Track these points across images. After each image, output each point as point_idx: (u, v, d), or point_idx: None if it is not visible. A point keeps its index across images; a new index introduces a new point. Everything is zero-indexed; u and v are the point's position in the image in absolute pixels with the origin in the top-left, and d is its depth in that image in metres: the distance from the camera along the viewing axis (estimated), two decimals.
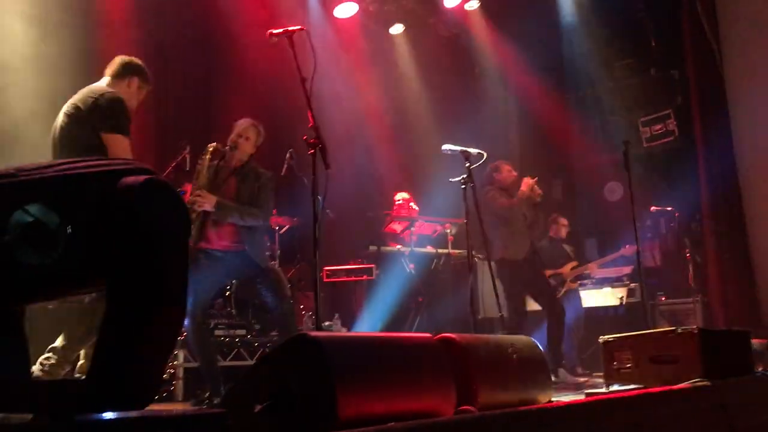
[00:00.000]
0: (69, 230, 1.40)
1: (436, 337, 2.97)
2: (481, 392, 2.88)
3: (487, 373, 2.99)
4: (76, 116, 3.74)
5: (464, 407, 2.80)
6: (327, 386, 2.21)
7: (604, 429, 2.72)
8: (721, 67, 8.47)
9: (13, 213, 1.40)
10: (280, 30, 3.68)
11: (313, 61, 3.69)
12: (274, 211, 6.75)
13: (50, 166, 1.51)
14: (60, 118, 3.84)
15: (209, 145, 4.64)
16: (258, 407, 2.30)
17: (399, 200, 7.65)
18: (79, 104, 3.77)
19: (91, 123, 3.69)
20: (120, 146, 3.67)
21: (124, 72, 4.02)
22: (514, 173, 6.55)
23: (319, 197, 6.56)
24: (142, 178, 1.42)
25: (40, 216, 1.41)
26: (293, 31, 3.66)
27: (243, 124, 4.78)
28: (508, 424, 2.45)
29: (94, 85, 3.95)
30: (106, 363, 1.38)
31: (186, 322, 4.46)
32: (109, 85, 3.94)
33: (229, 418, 1.38)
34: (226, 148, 4.66)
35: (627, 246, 7.44)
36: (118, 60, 4.07)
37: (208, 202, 4.42)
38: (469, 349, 2.97)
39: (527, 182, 6.20)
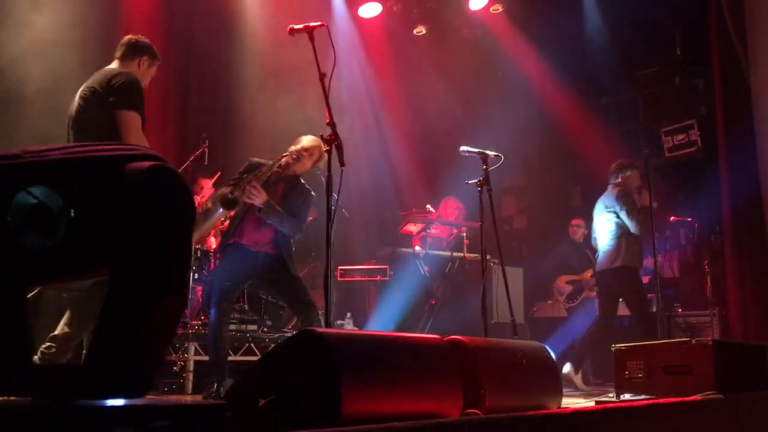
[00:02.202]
0: (72, 214, 1.40)
1: (445, 339, 2.95)
2: (488, 396, 2.85)
3: (495, 377, 2.96)
4: (92, 98, 3.78)
5: (470, 410, 2.78)
6: (332, 383, 2.20)
7: None
8: (748, 78, 8.35)
9: (16, 194, 1.40)
10: (301, 26, 3.68)
11: (333, 58, 3.68)
12: None
13: (55, 148, 1.51)
14: (75, 102, 3.87)
15: (280, 159, 4.71)
16: (262, 402, 2.30)
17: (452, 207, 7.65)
18: (96, 86, 3.81)
19: (107, 103, 3.72)
20: (132, 122, 3.71)
21: (133, 52, 4.06)
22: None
23: (334, 195, 6.59)
24: (147, 163, 1.42)
25: (43, 198, 1.41)
26: (314, 27, 3.65)
27: (312, 142, 4.80)
28: (512, 429, 2.43)
29: (108, 67, 3.99)
30: (104, 350, 1.38)
31: (212, 311, 4.54)
32: (118, 67, 3.99)
33: (229, 410, 1.37)
34: (293, 157, 4.73)
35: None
36: (125, 41, 4.10)
37: (259, 198, 4.51)
38: (478, 352, 2.95)
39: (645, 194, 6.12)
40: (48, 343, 3.66)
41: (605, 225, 6.18)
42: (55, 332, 3.69)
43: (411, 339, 2.79)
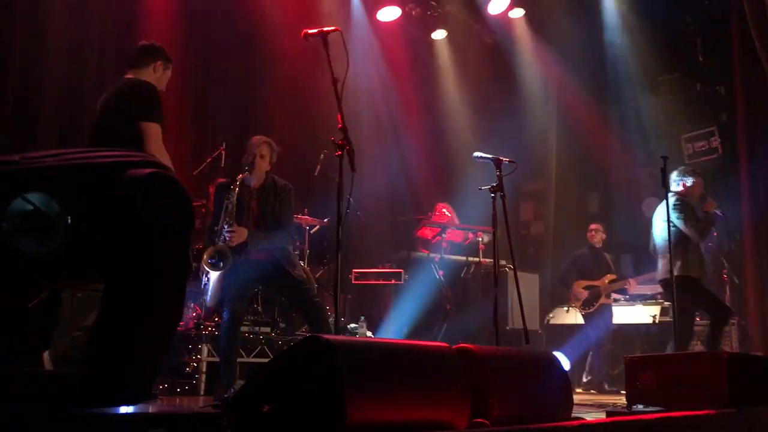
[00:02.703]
0: (69, 220, 1.40)
1: (454, 347, 2.92)
2: (496, 406, 2.82)
3: (504, 386, 2.92)
4: (112, 108, 3.82)
5: (478, 420, 2.75)
6: (336, 390, 2.18)
7: None
8: None
9: (13, 200, 1.40)
10: (315, 30, 3.67)
11: (347, 63, 3.67)
12: (306, 211, 6.77)
13: (53, 154, 1.51)
14: (97, 110, 3.93)
15: (237, 179, 4.66)
16: (267, 407, 2.29)
17: (442, 210, 7.63)
18: (116, 96, 3.85)
19: (127, 113, 3.75)
20: (154, 134, 3.75)
21: (147, 57, 4.08)
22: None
23: (350, 199, 6.57)
24: (146, 171, 1.41)
25: (39, 204, 1.40)
26: (328, 32, 3.64)
27: (256, 142, 4.81)
28: None
29: (127, 77, 4.02)
30: (100, 357, 1.37)
31: (225, 313, 4.56)
32: (136, 75, 4.01)
33: (224, 418, 1.36)
34: (246, 170, 4.69)
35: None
36: (137, 48, 4.13)
37: (239, 237, 4.55)
38: (487, 361, 2.91)
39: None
40: (79, 332, 3.69)
41: (661, 233, 6.07)
42: (87, 322, 3.74)
43: (417, 347, 2.76)
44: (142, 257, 1.38)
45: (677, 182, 6.21)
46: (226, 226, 4.48)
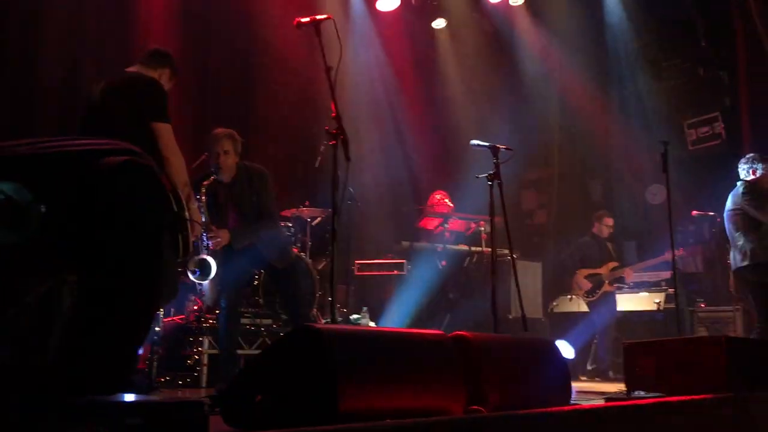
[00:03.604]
0: (42, 209, 1.39)
1: (450, 335, 2.91)
2: (492, 393, 2.81)
3: (501, 373, 2.92)
4: (118, 99, 3.73)
5: (474, 407, 2.74)
6: (328, 379, 2.18)
7: None
8: None
9: None
10: (307, 19, 3.65)
11: (340, 51, 3.64)
12: (307, 203, 6.76)
13: (26, 143, 1.49)
14: (96, 98, 3.79)
15: (202, 185, 4.55)
16: (259, 397, 2.29)
17: (437, 198, 7.60)
18: (123, 88, 3.76)
19: (137, 109, 3.68)
20: (170, 133, 3.71)
21: (157, 62, 4.04)
22: None
23: (350, 189, 6.54)
24: (120, 159, 1.40)
25: (11, 193, 1.39)
26: (320, 20, 3.62)
27: (217, 138, 4.68)
28: (516, 426, 2.39)
29: (134, 71, 3.95)
30: (74, 347, 1.37)
31: (221, 303, 4.55)
32: (139, 71, 3.96)
33: (205, 408, 1.35)
34: (212, 173, 4.61)
35: (668, 251, 7.22)
36: (153, 50, 4.10)
37: (223, 239, 4.50)
38: (483, 348, 2.91)
39: None
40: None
41: (731, 224, 6.04)
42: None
43: (411, 335, 2.76)
44: (117, 245, 1.37)
45: (746, 170, 6.16)
46: (204, 235, 4.40)
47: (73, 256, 1.42)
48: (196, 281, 4.48)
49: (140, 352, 4.50)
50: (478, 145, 4.60)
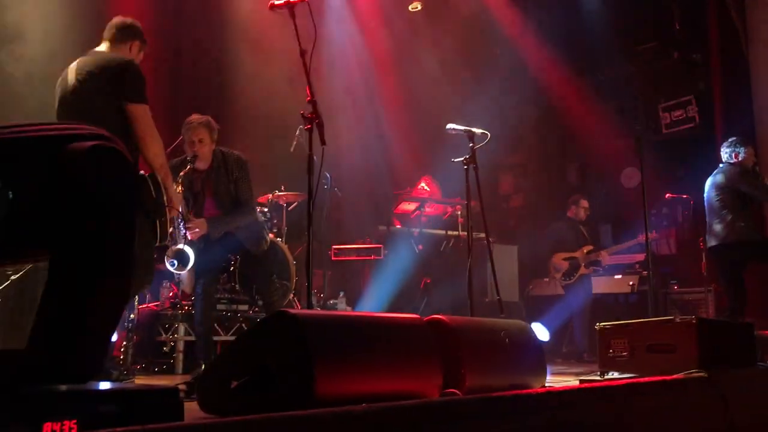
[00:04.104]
0: (10, 195, 1.36)
1: (426, 319, 2.92)
2: (468, 375, 2.84)
3: (476, 356, 2.94)
4: (92, 81, 3.62)
5: (450, 390, 2.76)
6: (305, 364, 2.18)
7: (594, 417, 2.66)
8: (747, 53, 8.26)
9: None
10: (282, 1, 3.61)
11: (314, 34, 3.62)
12: (282, 188, 6.73)
13: None
14: (70, 81, 3.69)
15: (179, 176, 4.43)
16: (235, 383, 2.28)
17: (421, 188, 7.60)
18: (96, 70, 3.64)
19: (112, 91, 3.58)
20: (147, 115, 3.62)
21: (125, 36, 3.91)
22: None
23: (328, 175, 6.51)
24: (88, 144, 1.38)
25: None
26: (295, 3, 3.58)
27: (191, 126, 4.56)
28: (491, 408, 2.40)
29: (105, 52, 3.83)
30: (47, 334, 1.35)
31: (197, 288, 4.51)
32: (109, 50, 3.85)
33: (179, 394, 1.35)
34: (188, 162, 4.51)
35: (642, 234, 7.31)
36: (117, 23, 3.93)
37: (200, 229, 4.44)
38: (459, 331, 2.93)
39: None
40: None
41: (718, 201, 6.18)
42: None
43: (387, 319, 2.77)
44: (86, 230, 1.35)
45: (729, 153, 6.32)
46: (182, 224, 4.34)
47: (43, 242, 1.40)
48: (174, 272, 4.43)
49: (114, 339, 4.47)
50: (454, 129, 4.60)
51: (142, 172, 3.57)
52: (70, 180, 1.36)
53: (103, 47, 3.88)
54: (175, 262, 4.29)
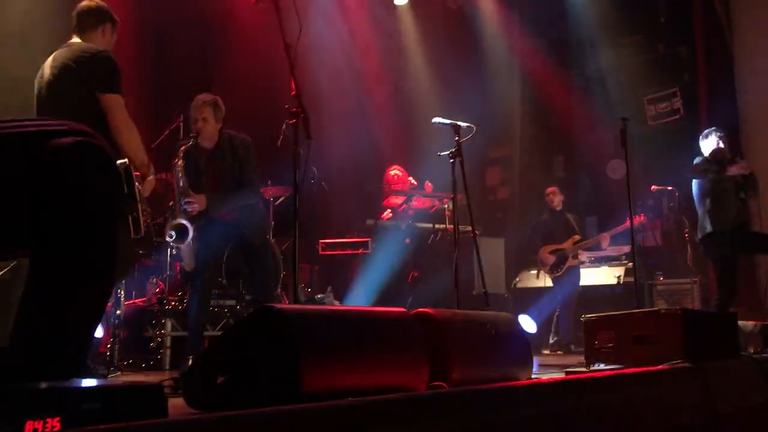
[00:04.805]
0: None
1: (412, 312, 2.92)
2: (455, 368, 2.84)
3: (463, 349, 2.94)
4: (66, 74, 3.60)
5: (437, 383, 2.76)
6: (291, 359, 2.17)
7: (581, 408, 2.67)
8: (731, 45, 8.32)
9: None
10: None
11: (300, 27, 3.60)
12: (269, 182, 6.71)
13: None
14: (46, 75, 3.67)
15: (179, 150, 4.49)
16: (221, 379, 2.27)
17: (394, 174, 7.55)
18: (70, 62, 3.61)
19: (85, 82, 3.55)
20: (120, 105, 3.59)
21: (94, 20, 3.85)
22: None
23: (314, 169, 6.49)
24: (70, 139, 1.36)
25: None
26: None
27: (196, 105, 4.62)
28: (478, 401, 2.41)
29: (78, 42, 3.79)
30: (28, 331, 1.34)
31: (196, 282, 4.49)
32: (84, 39, 3.79)
33: (163, 391, 1.34)
34: (191, 138, 4.54)
35: (635, 217, 7.31)
36: (82, 10, 3.87)
37: (199, 204, 4.43)
38: (445, 324, 2.93)
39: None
40: None
41: (696, 195, 6.34)
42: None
43: (374, 313, 2.76)
44: (67, 228, 1.34)
45: (703, 147, 6.48)
46: (182, 200, 4.36)
47: (24, 240, 1.39)
48: (174, 244, 4.45)
49: (101, 335, 4.45)
50: (440, 122, 4.60)
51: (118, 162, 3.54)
52: (53, 175, 1.35)
53: (76, 38, 3.83)
54: (173, 233, 4.30)
